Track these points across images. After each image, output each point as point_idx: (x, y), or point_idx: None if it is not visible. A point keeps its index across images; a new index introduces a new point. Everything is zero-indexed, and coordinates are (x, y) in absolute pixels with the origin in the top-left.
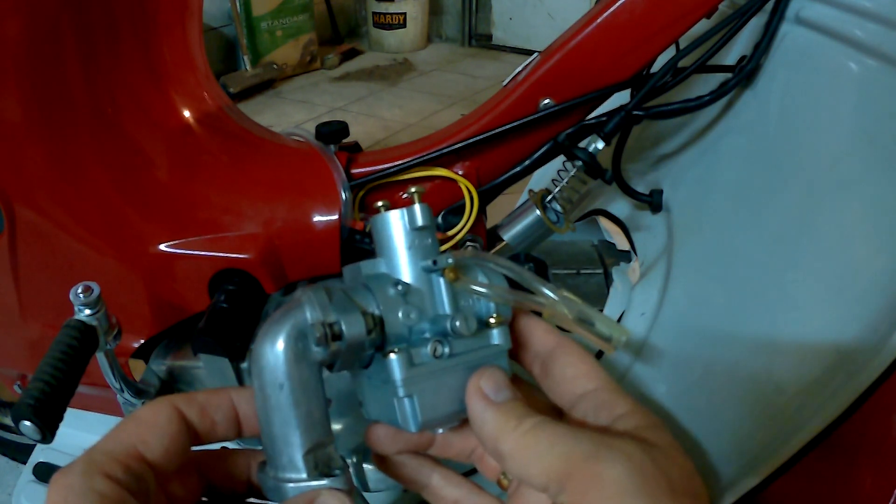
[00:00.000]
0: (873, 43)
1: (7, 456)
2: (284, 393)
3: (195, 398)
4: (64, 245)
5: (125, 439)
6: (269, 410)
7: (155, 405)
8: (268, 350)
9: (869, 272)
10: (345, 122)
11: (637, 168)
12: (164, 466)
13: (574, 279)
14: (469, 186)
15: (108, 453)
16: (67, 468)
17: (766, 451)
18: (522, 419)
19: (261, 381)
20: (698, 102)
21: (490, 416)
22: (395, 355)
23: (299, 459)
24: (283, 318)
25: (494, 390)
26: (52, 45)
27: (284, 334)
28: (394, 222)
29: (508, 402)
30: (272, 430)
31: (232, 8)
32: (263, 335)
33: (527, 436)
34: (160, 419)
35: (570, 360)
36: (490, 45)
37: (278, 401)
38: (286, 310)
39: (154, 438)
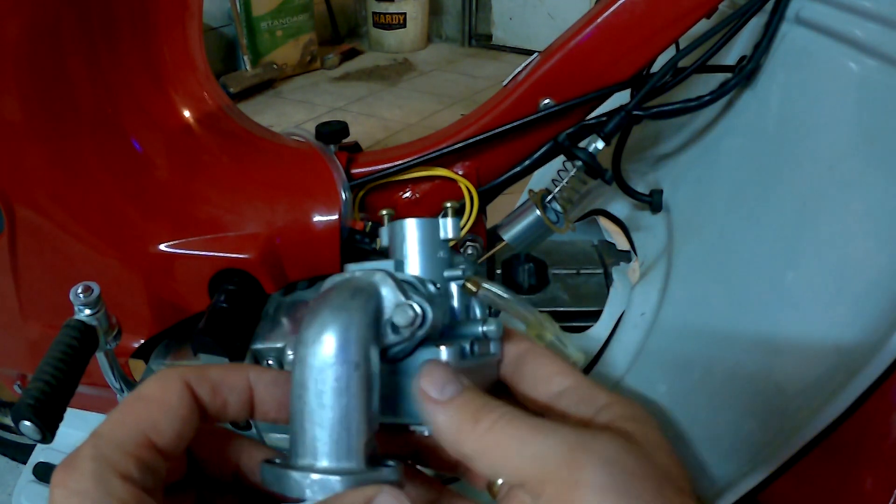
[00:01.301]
0: (873, 43)
1: (7, 456)
2: (359, 374)
3: (207, 374)
4: (64, 245)
5: (134, 424)
6: (332, 393)
7: (163, 380)
8: (344, 326)
9: (869, 272)
10: (345, 122)
11: (637, 168)
12: (174, 452)
13: (574, 279)
14: (469, 186)
15: (118, 446)
16: (72, 466)
17: (766, 451)
18: (479, 415)
19: (329, 359)
20: (698, 102)
21: (442, 418)
22: (448, 347)
23: (360, 449)
24: (360, 295)
25: (439, 388)
26: (53, 45)
27: (365, 312)
28: (430, 230)
29: (457, 398)
30: (331, 415)
31: (232, 8)
32: (336, 309)
33: (489, 434)
34: (170, 398)
35: (542, 360)
36: (490, 45)
37: (349, 382)
38: (356, 288)
39: (166, 422)
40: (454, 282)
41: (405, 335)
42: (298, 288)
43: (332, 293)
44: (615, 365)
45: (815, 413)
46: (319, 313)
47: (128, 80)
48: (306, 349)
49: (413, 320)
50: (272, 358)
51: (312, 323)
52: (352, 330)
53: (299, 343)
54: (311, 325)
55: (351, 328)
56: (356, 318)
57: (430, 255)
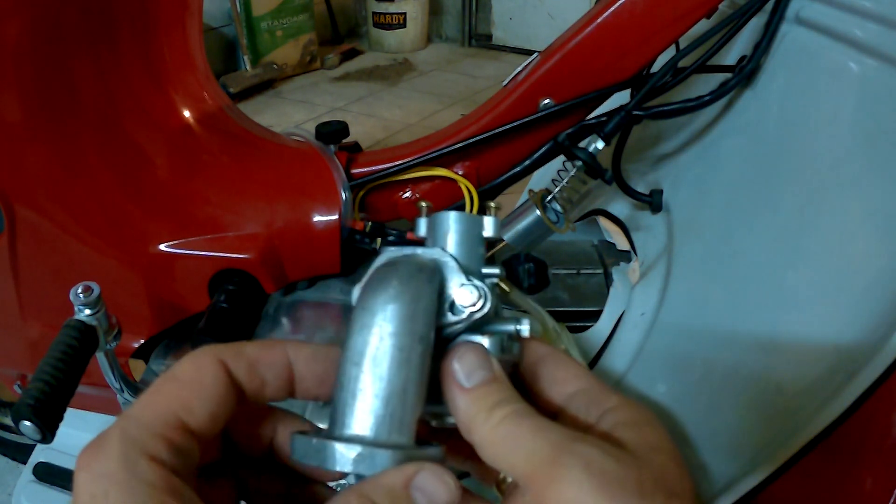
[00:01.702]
0: (873, 43)
1: (7, 456)
2: (422, 347)
3: (244, 352)
4: (64, 245)
5: (165, 405)
6: (394, 364)
7: (198, 359)
8: (414, 297)
9: (869, 272)
10: (345, 122)
11: (637, 168)
12: (207, 435)
13: (574, 279)
14: (469, 186)
15: (147, 427)
16: (98, 448)
17: (766, 451)
18: (494, 409)
19: (396, 328)
20: (698, 102)
21: (461, 403)
22: (491, 338)
23: (412, 424)
24: (426, 269)
25: (467, 374)
26: (53, 45)
27: (432, 286)
28: (472, 225)
29: (480, 388)
30: (389, 386)
31: (232, 8)
32: (406, 279)
33: (496, 429)
34: (205, 378)
35: (559, 364)
36: (490, 45)
37: (411, 354)
38: (422, 262)
39: (198, 402)
40: (490, 279)
41: (463, 316)
42: (298, 288)
43: (399, 265)
44: (615, 365)
45: (815, 413)
46: (388, 282)
47: (128, 80)
48: (372, 316)
49: (475, 302)
50: None
51: (380, 291)
52: (420, 302)
53: (361, 309)
54: (379, 292)
55: (420, 300)
56: (425, 290)
57: (471, 250)
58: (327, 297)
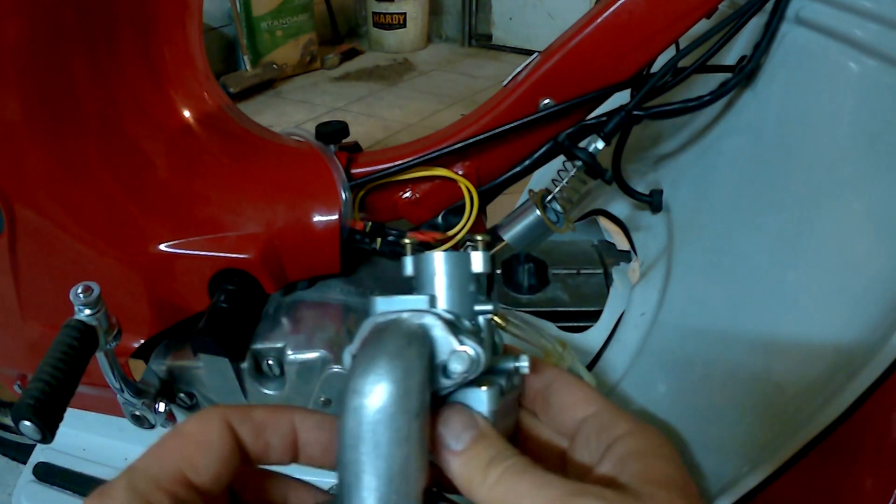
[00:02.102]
0: (873, 43)
1: (7, 456)
2: (418, 423)
3: (251, 416)
4: (64, 245)
5: (170, 460)
6: (392, 444)
7: (204, 418)
8: (405, 374)
9: (869, 272)
10: (345, 122)
11: (637, 168)
12: (210, 492)
13: (574, 279)
14: (469, 186)
15: (152, 479)
16: (104, 496)
17: (766, 452)
18: (489, 468)
19: (388, 409)
20: (698, 102)
21: (455, 466)
22: (489, 388)
23: (418, 497)
24: (415, 341)
25: (455, 437)
26: (53, 45)
27: (422, 359)
28: (461, 264)
29: (472, 448)
30: (391, 466)
31: (232, 8)
32: (394, 357)
33: (495, 488)
34: (210, 436)
35: (569, 388)
36: (490, 45)
37: (409, 432)
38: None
39: (203, 460)
40: (483, 316)
41: (457, 380)
42: (298, 288)
43: (386, 338)
44: (615, 365)
45: (815, 413)
46: (375, 361)
47: (128, 80)
48: (362, 399)
49: (468, 368)
50: (272, 358)
51: (368, 371)
52: (412, 378)
53: (352, 392)
54: (368, 373)
55: (411, 377)
56: (415, 365)
57: (461, 289)
58: (327, 297)
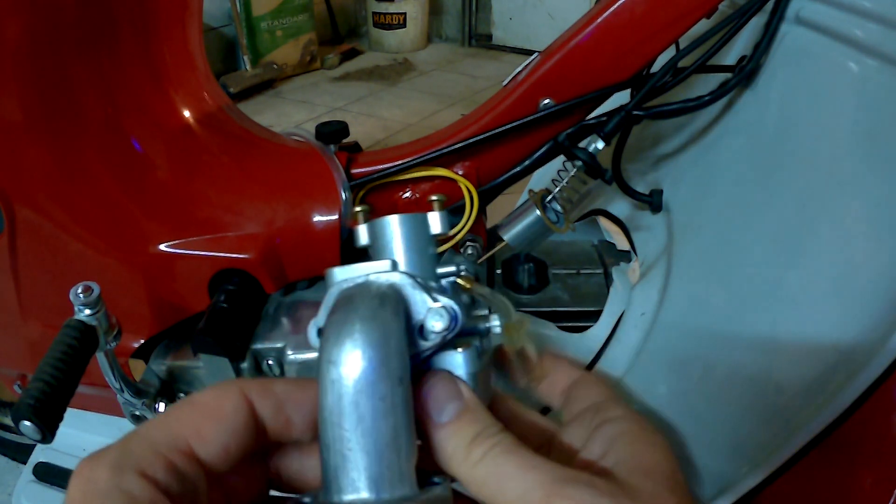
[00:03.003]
0: (873, 43)
1: (7, 456)
2: (403, 389)
3: (272, 390)
4: (64, 245)
5: (175, 429)
6: (378, 415)
7: (221, 389)
8: (383, 337)
9: (869, 272)
10: (345, 122)
11: (637, 168)
12: (218, 467)
13: (574, 279)
14: (469, 186)
15: (149, 444)
16: (97, 457)
17: (766, 451)
18: (472, 445)
19: (370, 377)
20: (698, 102)
21: (438, 439)
22: (466, 350)
23: (411, 471)
24: (388, 301)
25: (439, 409)
26: (53, 45)
27: (398, 319)
28: (417, 226)
29: (455, 422)
30: (379, 439)
31: (232, 8)
32: (368, 320)
33: (478, 467)
34: (225, 407)
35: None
36: (490, 45)
37: (394, 400)
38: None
39: (213, 431)
40: (447, 279)
41: (436, 341)
42: (298, 288)
43: (357, 301)
44: (615, 365)
45: (815, 413)
46: (348, 326)
47: (128, 80)
48: (340, 368)
49: (447, 325)
50: (272, 358)
51: (342, 338)
52: (390, 340)
53: (327, 363)
54: (342, 340)
55: (389, 338)
56: (392, 326)
57: (421, 252)
58: None
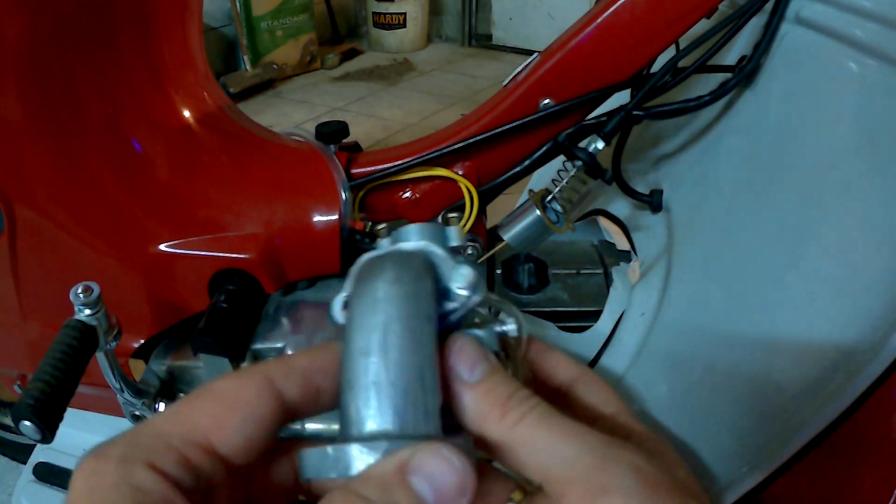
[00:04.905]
0: (873, 43)
1: (7, 456)
2: (431, 327)
3: (294, 367)
4: (64, 245)
5: (192, 419)
6: (407, 349)
7: (242, 376)
8: (416, 276)
9: (869, 272)
10: (345, 122)
11: (637, 168)
12: (239, 460)
13: (574, 279)
14: (469, 186)
15: (161, 436)
16: (103, 450)
17: (766, 451)
18: (509, 405)
19: (400, 310)
20: (698, 102)
21: (468, 400)
22: (485, 329)
23: (437, 412)
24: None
25: (469, 367)
26: (53, 45)
27: (428, 268)
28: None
29: (487, 381)
30: (407, 373)
31: (232, 8)
32: (402, 263)
33: (516, 429)
34: (246, 395)
35: (592, 387)
36: (490, 45)
37: (422, 337)
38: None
39: (234, 423)
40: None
41: (462, 300)
42: (298, 288)
43: (388, 255)
44: (615, 365)
45: (815, 413)
46: (383, 267)
47: (128, 80)
48: (375, 302)
49: (472, 281)
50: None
51: (378, 276)
52: (422, 281)
53: (362, 297)
54: (377, 278)
55: (421, 279)
56: (423, 271)
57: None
58: (327, 297)
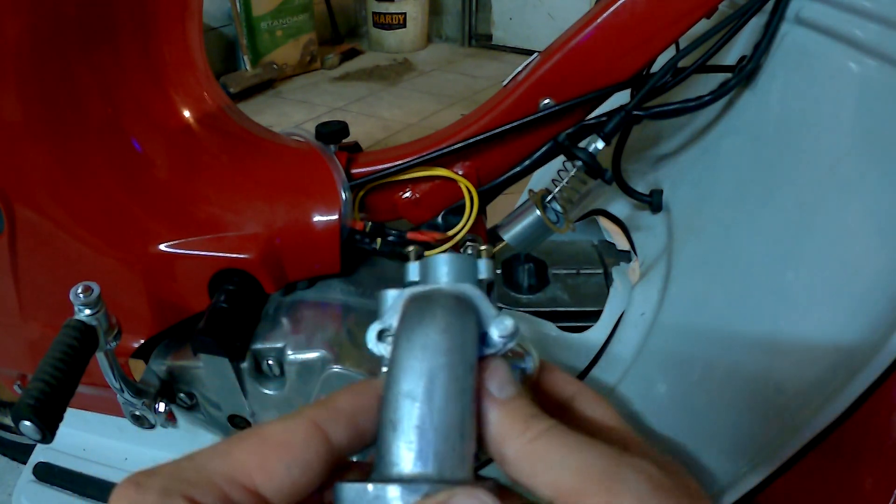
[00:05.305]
0: (873, 43)
1: (7, 456)
2: (473, 376)
3: (340, 409)
4: (64, 245)
5: (237, 458)
6: (451, 396)
7: (290, 422)
8: (463, 325)
9: (869, 272)
10: (345, 122)
11: (637, 168)
12: (285, 503)
13: (574, 279)
14: (469, 186)
15: (204, 471)
16: (144, 479)
17: (766, 451)
18: (530, 423)
19: (447, 359)
20: (698, 102)
21: (495, 416)
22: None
23: (470, 459)
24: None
25: (499, 386)
26: (53, 45)
27: (473, 317)
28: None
29: (514, 400)
30: (448, 420)
31: (232, 8)
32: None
33: (535, 443)
34: (294, 440)
35: (591, 403)
36: (490, 45)
37: (464, 385)
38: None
39: (280, 466)
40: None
41: (498, 346)
42: (298, 288)
43: (437, 297)
44: (615, 365)
45: (815, 413)
46: (433, 313)
47: (128, 80)
48: (423, 350)
49: (512, 332)
50: (272, 358)
51: (428, 323)
52: (468, 332)
53: (410, 342)
54: (427, 325)
55: (468, 330)
56: (470, 321)
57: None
58: (327, 297)
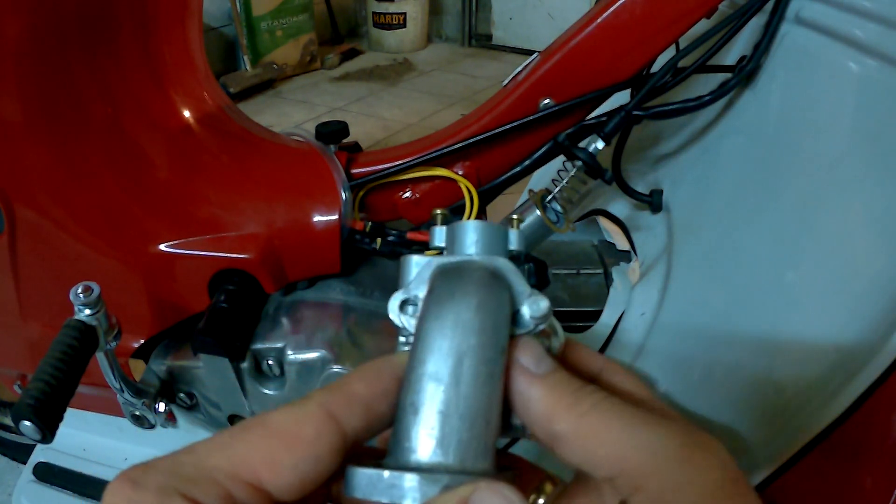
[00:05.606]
0: (873, 43)
1: (7, 456)
2: (502, 361)
3: (355, 396)
4: (64, 245)
5: (242, 454)
6: (480, 380)
7: (300, 410)
8: (497, 305)
9: (869, 272)
10: (345, 122)
11: (637, 168)
12: (291, 499)
13: (574, 279)
14: (469, 186)
15: (205, 468)
16: (141, 475)
17: (766, 451)
18: (579, 395)
19: (478, 340)
20: (698, 102)
21: (537, 392)
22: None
23: (493, 448)
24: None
25: (535, 362)
26: (53, 45)
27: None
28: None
29: (553, 374)
30: (475, 406)
31: (232, 8)
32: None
33: (588, 417)
34: (305, 433)
35: (618, 377)
36: (490, 45)
37: (495, 369)
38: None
39: (289, 462)
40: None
41: (530, 327)
42: (298, 288)
43: (468, 271)
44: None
45: (815, 413)
46: (466, 290)
47: (128, 79)
48: (454, 328)
49: (545, 313)
50: (272, 358)
51: (459, 299)
52: (502, 311)
53: (439, 319)
54: (459, 301)
55: (502, 309)
56: (505, 299)
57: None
58: (327, 297)
